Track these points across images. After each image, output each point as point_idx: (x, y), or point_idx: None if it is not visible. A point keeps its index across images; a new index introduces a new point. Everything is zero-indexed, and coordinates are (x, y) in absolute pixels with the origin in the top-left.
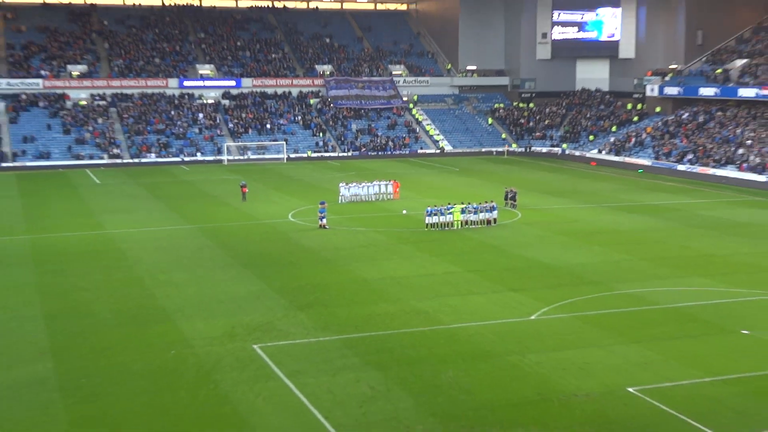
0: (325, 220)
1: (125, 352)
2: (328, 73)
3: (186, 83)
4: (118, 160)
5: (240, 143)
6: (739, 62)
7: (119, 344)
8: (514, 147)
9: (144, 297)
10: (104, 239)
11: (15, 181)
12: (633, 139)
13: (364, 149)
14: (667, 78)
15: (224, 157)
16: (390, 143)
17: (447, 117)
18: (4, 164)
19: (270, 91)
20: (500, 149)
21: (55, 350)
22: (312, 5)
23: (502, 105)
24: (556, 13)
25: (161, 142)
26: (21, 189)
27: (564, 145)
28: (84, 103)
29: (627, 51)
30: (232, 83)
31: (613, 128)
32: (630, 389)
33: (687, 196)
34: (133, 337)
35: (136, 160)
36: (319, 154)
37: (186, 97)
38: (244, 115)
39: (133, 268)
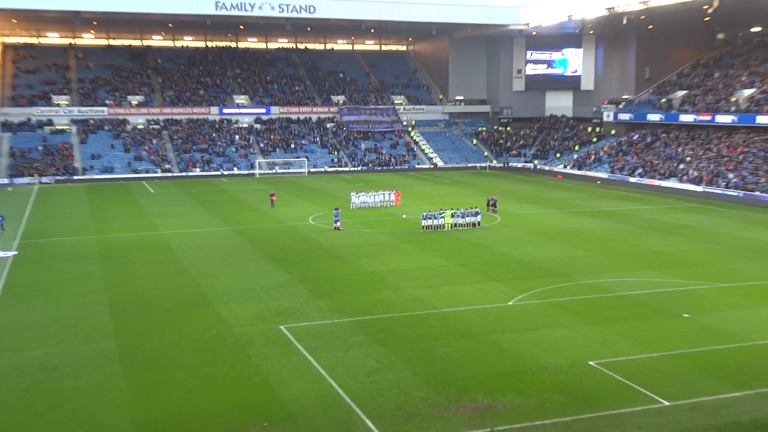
0: (338, 223)
1: (175, 332)
2: (341, 102)
3: (225, 110)
4: (169, 174)
5: (269, 160)
6: (680, 93)
7: (170, 325)
8: (494, 163)
9: (190, 286)
10: (157, 238)
11: (84, 191)
12: (592, 156)
13: (371, 164)
14: (620, 106)
15: (256, 171)
16: (392, 160)
17: (439, 138)
18: (75, 177)
19: (294, 117)
20: (483, 165)
21: (117, 330)
22: (328, 47)
23: (484, 128)
24: (529, 53)
25: (204, 159)
26: (89, 198)
27: (535, 161)
28: (141, 126)
29: (587, 84)
30: (263, 111)
31: (576, 147)
32: (591, 363)
33: (637, 204)
34: (181, 319)
35: (184, 174)
36: (334, 169)
37: (225, 122)
38: (272, 137)
39: (181, 262)
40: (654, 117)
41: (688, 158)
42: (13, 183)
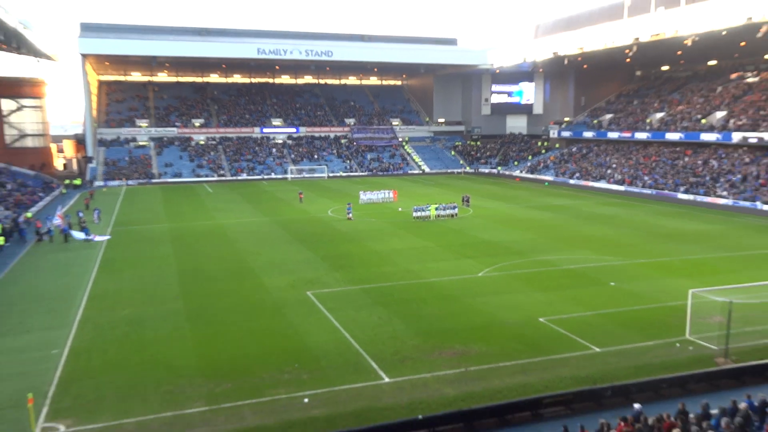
0: (351, 214)
1: (228, 296)
2: (352, 123)
3: (264, 130)
4: (223, 178)
5: (298, 167)
6: (608, 116)
7: (224, 291)
8: (467, 169)
9: (239, 261)
10: (214, 226)
11: (160, 191)
12: (542, 164)
13: (374, 170)
14: (562, 126)
15: (288, 176)
16: (390, 167)
17: (426, 150)
18: (153, 180)
19: (317, 135)
20: (459, 170)
21: (184, 294)
22: (342, 82)
23: (460, 143)
24: (493, 86)
25: (249, 167)
26: (163, 196)
27: (499, 168)
28: (202, 142)
29: (538, 109)
30: (293, 130)
31: (530, 157)
32: (540, 319)
33: (575, 200)
34: (232, 286)
35: (234, 178)
36: (347, 174)
37: (265, 138)
38: (300, 150)
39: (233, 244)
40: (588, 134)
41: (614, 165)
42: (107, 185)
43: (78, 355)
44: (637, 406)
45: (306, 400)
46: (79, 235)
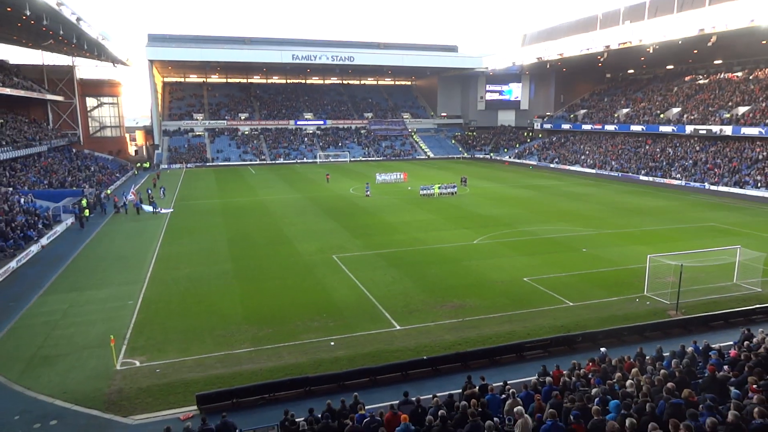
0: (369, 192)
1: (268, 258)
2: (370, 117)
3: (298, 122)
4: (264, 162)
5: (325, 153)
6: (582, 111)
7: (265, 254)
8: (465, 155)
9: (277, 231)
10: (257, 202)
11: (213, 173)
12: (527, 151)
13: (388, 156)
14: (544, 119)
15: (317, 160)
16: (402, 153)
17: (431, 139)
18: (207, 164)
19: (341, 126)
20: (458, 156)
21: (233, 257)
22: (362, 82)
23: (459, 133)
24: (487, 86)
25: (285, 153)
26: (216, 177)
27: (491, 154)
28: (247, 132)
29: (524, 105)
30: (321, 122)
31: (517, 145)
32: (524, 279)
33: (555, 180)
34: (272, 251)
35: (273, 162)
36: (365, 159)
37: (298, 130)
38: (327, 139)
39: (272, 216)
40: (566, 126)
41: (587, 152)
42: (170, 167)
43: (149, 305)
44: (603, 349)
45: (332, 343)
46: (148, 208)
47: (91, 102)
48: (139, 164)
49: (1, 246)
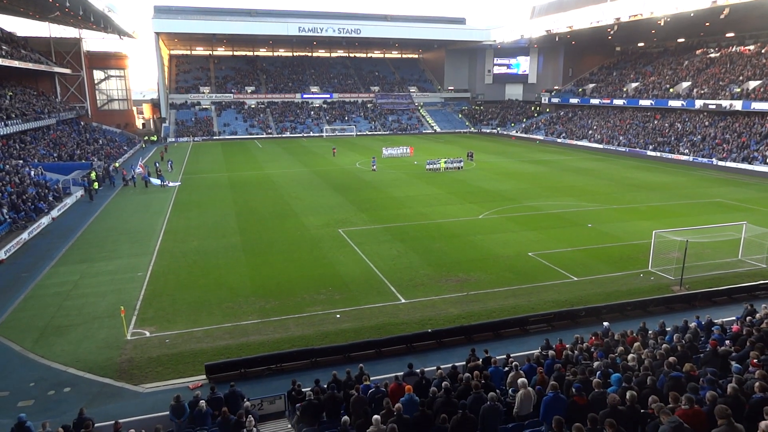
0: (375, 166)
1: (275, 232)
2: (377, 90)
3: (305, 96)
4: (271, 135)
5: (332, 127)
6: (591, 85)
7: (272, 228)
8: (472, 129)
9: (284, 204)
10: (264, 175)
11: (220, 146)
12: (534, 125)
13: (395, 130)
14: (552, 93)
15: (324, 134)
16: (408, 127)
17: (438, 113)
18: (214, 138)
19: (347, 100)
20: (465, 130)
21: (241, 230)
22: (369, 55)
23: (466, 107)
24: (495, 59)
25: (292, 126)
26: (223, 150)
27: (498, 128)
28: (253, 106)
29: (532, 79)
30: (328, 96)
31: (524, 120)
32: (529, 254)
33: (561, 155)
34: (279, 225)
35: (280, 135)
36: (372, 133)
37: (305, 103)
38: (334, 112)
39: (279, 190)
40: (574, 100)
41: (595, 127)
42: (177, 141)
43: (157, 277)
44: (606, 324)
45: (338, 315)
46: (156, 181)
47: (98, 75)
48: (146, 137)
49: (13, 218)
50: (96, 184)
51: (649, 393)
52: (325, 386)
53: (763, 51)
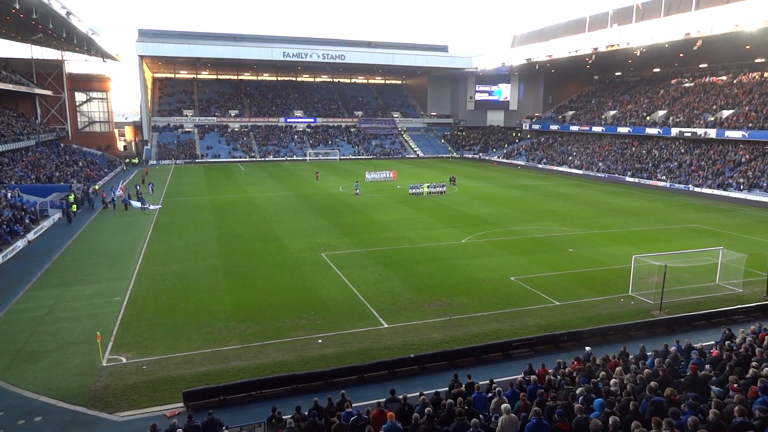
0: (358, 190)
1: (257, 255)
2: (360, 115)
3: (288, 120)
4: (254, 159)
5: (315, 151)
6: (570, 112)
7: (254, 251)
8: (454, 154)
9: (266, 228)
10: (246, 198)
11: (202, 170)
12: (515, 151)
13: (378, 154)
14: (533, 120)
15: (307, 158)
16: (391, 152)
17: (421, 138)
18: (197, 160)
19: (331, 124)
20: (447, 155)
21: (222, 254)
22: (352, 81)
23: (448, 133)
24: (477, 86)
25: (275, 150)
26: (205, 173)
27: (480, 154)
28: (237, 129)
29: (513, 105)
30: (312, 120)
31: (505, 145)
32: (511, 278)
33: (542, 181)
34: (261, 248)
35: (263, 159)
36: (355, 157)
37: (288, 127)
38: (317, 136)
39: (261, 213)
40: (554, 127)
41: (574, 153)
42: (159, 163)
43: (136, 302)
44: (588, 348)
45: (320, 340)
46: (136, 204)
47: (80, 97)
48: (127, 160)
49: None
50: (74, 206)
51: (632, 418)
52: (306, 413)
53: (734, 81)
